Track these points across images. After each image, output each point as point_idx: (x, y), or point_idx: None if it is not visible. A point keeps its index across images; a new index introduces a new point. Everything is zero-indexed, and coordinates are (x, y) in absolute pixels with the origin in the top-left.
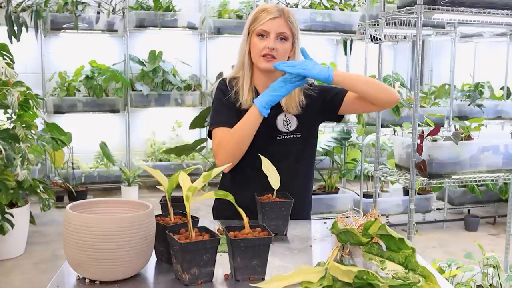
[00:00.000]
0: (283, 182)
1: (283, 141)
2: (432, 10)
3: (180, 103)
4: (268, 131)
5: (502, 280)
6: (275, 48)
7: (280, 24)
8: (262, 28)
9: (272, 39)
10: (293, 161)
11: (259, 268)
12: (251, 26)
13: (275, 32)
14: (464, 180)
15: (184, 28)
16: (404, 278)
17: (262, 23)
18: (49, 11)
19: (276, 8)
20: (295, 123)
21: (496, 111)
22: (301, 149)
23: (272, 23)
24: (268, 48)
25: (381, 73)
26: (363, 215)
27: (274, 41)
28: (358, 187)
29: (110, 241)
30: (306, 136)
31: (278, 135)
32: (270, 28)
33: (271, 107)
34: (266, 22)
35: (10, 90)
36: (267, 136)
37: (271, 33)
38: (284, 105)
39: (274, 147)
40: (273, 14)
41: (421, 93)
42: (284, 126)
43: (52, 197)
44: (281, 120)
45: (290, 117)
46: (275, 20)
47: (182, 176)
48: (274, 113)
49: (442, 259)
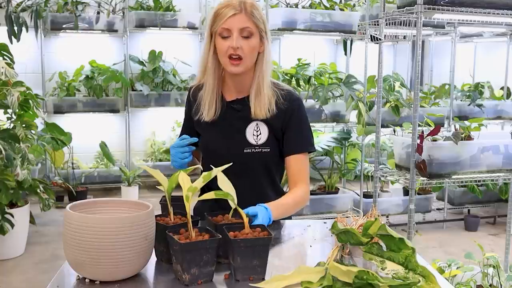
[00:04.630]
0: (243, 198)
1: (250, 155)
2: (432, 10)
3: (180, 103)
4: (236, 140)
5: (502, 280)
6: (239, 47)
7: (242, 20)
8: (223, 27)
9: (235, 37)
10: (257, 177)
11: (259, 268)
12: (212, 27)
13: (237, 29)
14: (464, 180)
15: (184, 28)
16: (404, 278)
17: (222, 22)
18: (49, 11)
19: (236, 2)
20: (266, 135)
21: (496, 111)
22: (268, 164)
23: (233, 20)
24: (232, 48)
25: (381, 73)
26: (363, 215)
27: (237, 40)
28: (358, 187)
29: (110, 241)
30: (275, 151)
31: (245, 147)
32: (231, 26)
33: (241, 113)
34: (227, 20)
35: (10, 90)
36: (234, 146)
37: (233, 31)
38: (253, 107)
39: (240, 159)
40: (232, 11)
41: (421, 93)
42: (254, 137)
43: (52, 197)
44: (251, 130)
45: (261, 127)
46: (235, 16)
47: (182, 176)
48: (244, 120)
49: (442, 259)
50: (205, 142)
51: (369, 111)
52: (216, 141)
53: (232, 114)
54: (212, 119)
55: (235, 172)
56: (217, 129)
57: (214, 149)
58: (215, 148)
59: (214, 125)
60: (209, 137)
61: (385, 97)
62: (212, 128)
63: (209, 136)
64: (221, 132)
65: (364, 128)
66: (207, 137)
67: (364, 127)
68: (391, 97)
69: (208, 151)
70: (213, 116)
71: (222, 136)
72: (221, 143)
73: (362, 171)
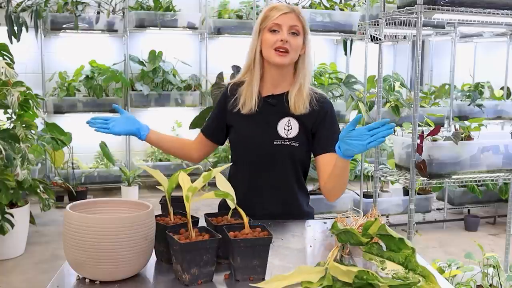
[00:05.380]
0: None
1: (279, 147)
2: (432, 10)
3: (180, 103)
4: (267, 133)
5: (502, 280)
6: (288, 41)
7: (292, 18)
8: (275, 22)
9: (285, 32)
10: (284, 169)
11: (259, 268)
12: (262, 24)
13: (288, 25)
14: (464, 180)
15: (184, 28)
16: (404, 278)
17: (275, 18)
18: (49, 11)
19: (286, 5)
20: (296, 131)
21: (496, 111)
22: (295, 157)
23: (284, 17)
24: (282, 40)
25: (381, 73)
26: (363, 215)
27: (287, 34)
28: (358, 187)
29: (110, 241)
30: (303, 147)
31: (275, 140)
32: (282, 22)
33: (275, 108)
34: (279, 17)
35: (10, 90)
36: (265, 137)
37: (283, 26)
38: (293, 104)
39: (269, 150)
40: (284, 10)
41: (421, 93)
42: (284, 131)
43: (52, 197)
44: (283, 124)
45: (293, 122)
46: (286, 14)
47: (182, 176)
48: (277, 114)
49: (442, 259)
50: (237, 132)
51: (369, 111)
52: (248, 131)
53: (267, 109)
54: (248, 112)
55: (264, 163)
56: (251, 121)
57: (245, 139)
58: (246, 139)
59: (248, 117)
60: (242, 127)
61: (385, 97)
62: (246, 119)
63: (242, 126)
64: (254, 124)
65: None
66: (240, 127)
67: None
68: (391, 97)
69: (239, 142)
70: (251, 109)
71: (254, 128)
72: (253, 134)
73: (362, 171)
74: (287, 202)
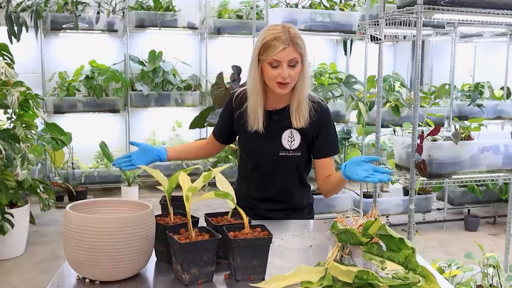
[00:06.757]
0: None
1: (283, 157)
2: (432, 10)
3: (180, 103)
4: (273, 146)
5: (502, 280)
6: (288, 74)
7: (290, 53)
8: (274, 58)
9: (285, 67)
10: (288, 175)
11: (259, 268)
12: (261, 54)
13: (287, 60)
14: (464, 180)
15: (184, 28)
16: (404, 278)
17: (273, 54)
18: (49, 11)
19: (284, 36)
20: (298, 142)
21: (496, 111)
22: (299, 164)
23: (283, 53)
24: (282, 77)
25: (381, 73)
26: (363, 215)
27: (286, 70)
28: (358, 187)
29: (110, 241)
30: (305, 154)
31: (280, 151)
32: (281, 58)
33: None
34: (277, 53)
35: (10, 90)
36: (271, 149)
37: (283, 62)
38: (294, 119)
39: (275, 160)
40: (283, 44)
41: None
42: (288, 143)
43: (52, 197)
44: (286, 136)
45: (295, 134)
46: (285, 50)
47: (182, 176)
48: (280, 127)
49: (442, 259)
50: (245, 142)
51: (369, 111)
52: (255, 144)
53: (271, 123)
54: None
55: (271, 170)
56: (257, 135)
57: (253, 150)
58: (254, 150)
59: (255, 132)
60: (249, 140)
61: (385, 97)
62: (253, 134)
63: (249, 139)
64: (260, 138)
65: (364, 128)
66: (247, 139)
67: (364, 127)
68: (391, 97)
69: (248, 150)
70: (259, 128)
71: (260, 141)
72: (260, 146)
73: None
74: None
